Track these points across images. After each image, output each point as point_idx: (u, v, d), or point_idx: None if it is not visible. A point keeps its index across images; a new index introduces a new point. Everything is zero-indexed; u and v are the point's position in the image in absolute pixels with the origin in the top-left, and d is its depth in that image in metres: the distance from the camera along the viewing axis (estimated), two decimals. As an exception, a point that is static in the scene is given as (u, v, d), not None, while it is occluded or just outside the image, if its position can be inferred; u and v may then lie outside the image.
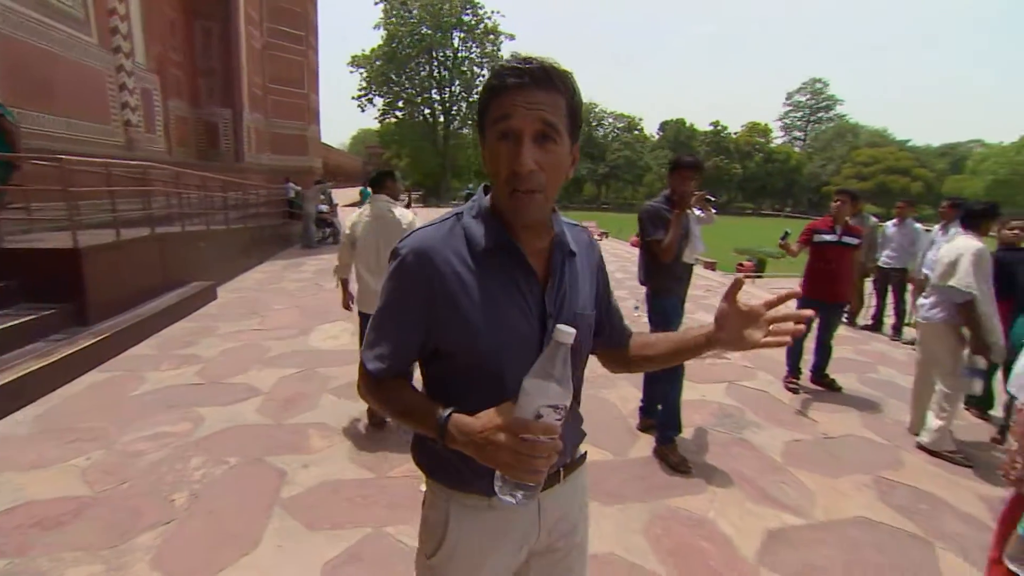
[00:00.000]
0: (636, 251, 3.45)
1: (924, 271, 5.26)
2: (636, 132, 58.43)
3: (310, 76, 19.41)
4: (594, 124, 57.05)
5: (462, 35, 37.76)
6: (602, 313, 1.07)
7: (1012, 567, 1.70)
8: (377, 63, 36.58)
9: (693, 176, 3.08)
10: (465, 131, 41.50)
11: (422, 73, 38.35)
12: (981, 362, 3.16)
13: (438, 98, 39.64)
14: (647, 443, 3.22)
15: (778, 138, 61.87)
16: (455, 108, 40.23)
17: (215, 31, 13.29)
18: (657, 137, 60.35)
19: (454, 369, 0.89)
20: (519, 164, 0.78)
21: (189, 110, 12.87)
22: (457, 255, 0.86)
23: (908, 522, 2.56)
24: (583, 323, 0.93)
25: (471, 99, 39.72)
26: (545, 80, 0.79)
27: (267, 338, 5.16)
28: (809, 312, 0.94)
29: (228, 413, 3.47)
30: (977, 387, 3.26)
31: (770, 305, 0.90)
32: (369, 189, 3.41)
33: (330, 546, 2.24)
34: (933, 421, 3.33)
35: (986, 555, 2.14)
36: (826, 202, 5.80)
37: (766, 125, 60.34)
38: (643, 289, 3.26)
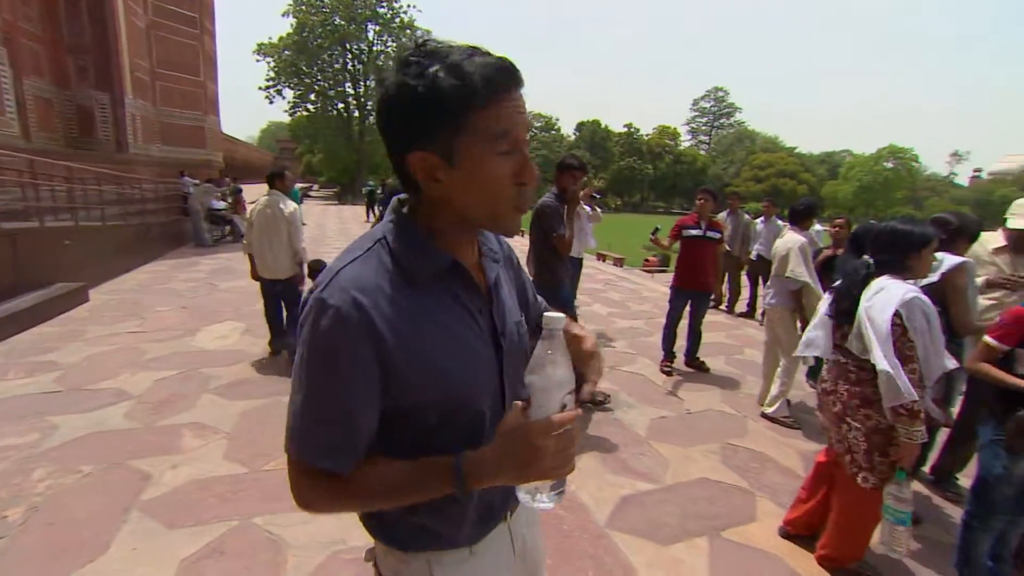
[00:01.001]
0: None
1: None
2: (553, 132, 59.95)
3: (207, 63, 18.11)
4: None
5: (377, 28, 36.77)
6: (530, 309, 1.02)
7: (884, 551, 2.01)
8: (286, 53, 34.70)
9: (581, 176, 3.42)
10: (382, 127, 40.44)
11: (335, 66, 36.88)
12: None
13: (352, 92, 38.33)
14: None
15: (686, 141, 66.08)
16: (370, 103, 39.14)
17: (83, 2, 11.95)
18: (574, 137, 62.28)
19: (424, 422, 0.76)
20: (532, 177, 0.72)
21: (55, 91, 11.57)
22: (397, 289, 0.72)
23: (741, 479, 2.95)
24: (520, 330, 0.89)
25: (388, 94, 38.70)
26: (520, 77, 0.71)
27: (145, 340, 4.82)
28: None
29: (89, 420, 3.24)
30: (810, 359, 3.79)
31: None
32: (298, 188, 3.99)
33: (190, 542, 2.21)
34: (774, 392, 3.83)
35: (792, 498, 2.54)
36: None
37: (675, 128, 64.22)
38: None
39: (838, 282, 2.28)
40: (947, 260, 2.47)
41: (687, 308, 4.64)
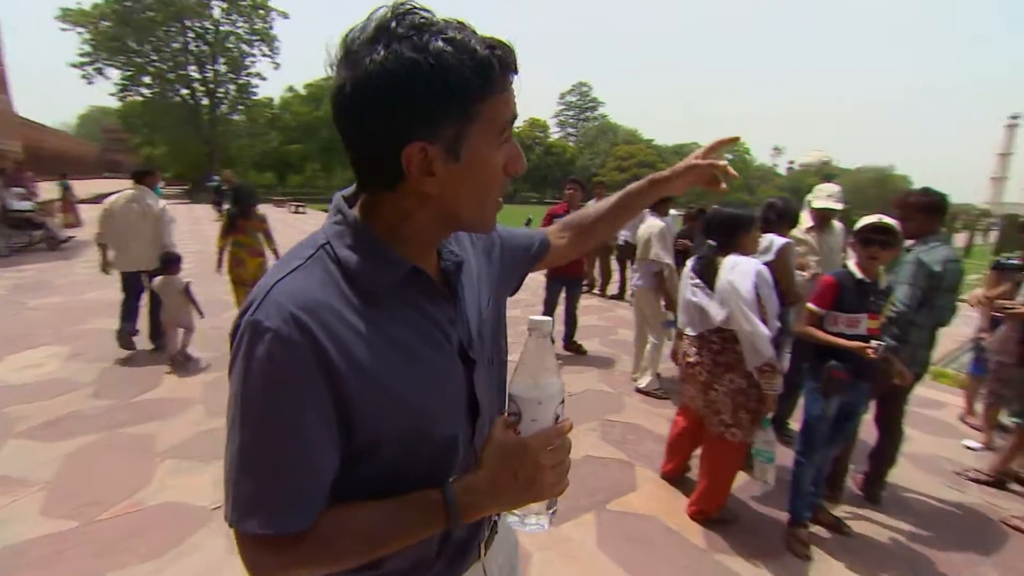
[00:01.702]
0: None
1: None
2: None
3: (-9, 32, 14.87)
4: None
5: (224, 6, 32.94)
6: (515, 268, 0.94)
7: (758, 484, 2.37)
8: (103, 23, 29.46)
9: None
10: (236, 117, 36.62)
11: (174, 45, 32.21)
12: (672, 316, 4.04)
13: (199, 77, 33.95)
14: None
15: (555, 133, 69.03)
16: (221, 90, 35.09)
17: None
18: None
19: (388, 457, 0.64)
20: (522, 165, 0.66)
21: None
22: (348, 303, 0.61)
23: (620, 452, 3.15)
24: (486, 330, 0.79)
25: (240, 80, 35.10)
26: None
27: (-80, 381, 3.83)
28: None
29: None
30: (672, 334, 4.17)
31: (715, 150, 0.99)
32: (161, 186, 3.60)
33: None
34: (644, 367, 4.15)
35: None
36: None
37: (544, 121, 66.80)
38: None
39: (693, 263, 2.54)
40: (777, 240, 2.84)
41: (562, 294, 4.85)
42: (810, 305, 2.34)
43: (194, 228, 14.44)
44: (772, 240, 2.83)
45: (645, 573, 2.19)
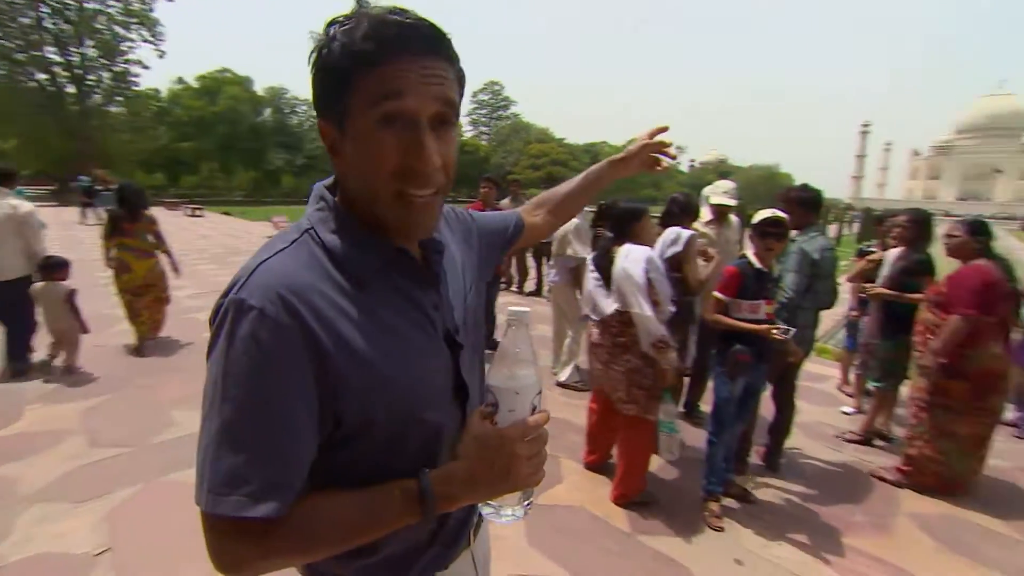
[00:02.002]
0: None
1: None
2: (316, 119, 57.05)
3: None
4: (287, 111, 53.01)
5: (87, -19, 29.09)
6: (495, 250, 0.96)
7: (664, 456, 2.60)
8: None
9: None
10: (114, 109, 32.63)
11: (23, 20, 27.83)
12: (589, 309, 4.18)
13: (61, 60, 29.69)
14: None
15: (468, 131, 68.86)
16: (92, 77, 31.03)
17: None
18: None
19: (373, 443, 0.64)
20: (421, 160, 0.59)
21: None
22: (335, 285, 0.61)
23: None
24: (470, 317, 0.79)
25: (116, 68, 31.32)
26: (438, 44, 0.60)
27: None
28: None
29: None
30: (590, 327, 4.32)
31: (652, 136, 1.08)
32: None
33: None
34: (564, 361, 4.25)
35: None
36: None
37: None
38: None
39: (593, 255, 2.73)
40: (684, 233, 3.02)
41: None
42: (716, 294, 2.51)
43: (66, 234, 12.74)
44: (679, 233, 3.01)
45: (574, 563, 2.25)
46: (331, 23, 0.60)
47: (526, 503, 0.69)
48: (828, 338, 6.20)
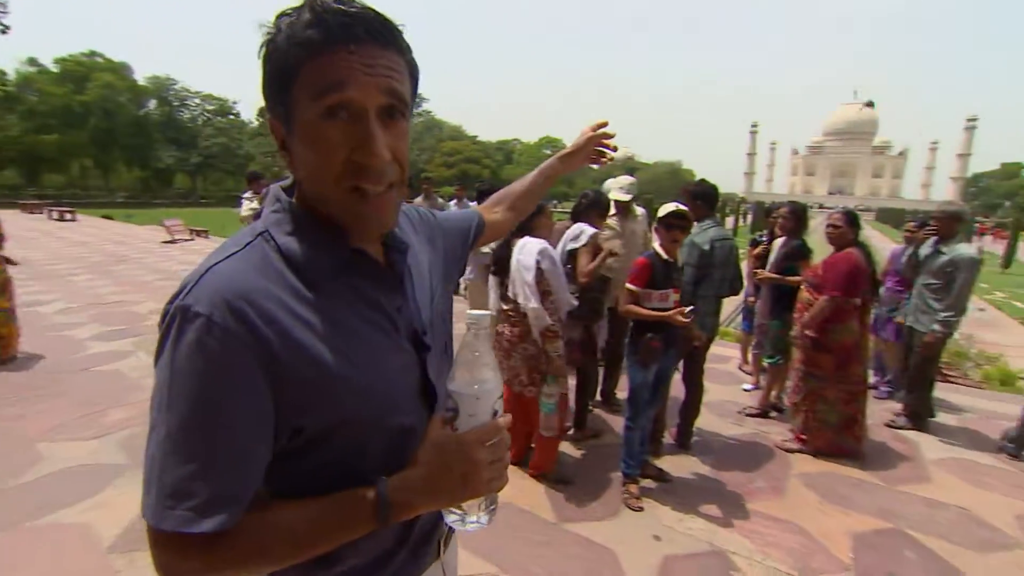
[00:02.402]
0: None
1: None
2: (231, 117, 52.58)
3: None
4: (176, 104, 48.26)
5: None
6: (460, 250, 0.94)
7: (544, 432, 2.71)
8: None
9: None
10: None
11: None
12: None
13: None
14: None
15: (380, 130, 66.84)
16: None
17: None
18: (258, 124, 56.05)
19: (335, 450, 0.62)
20: (370, 154, 0.56)
21: None
22: (289, 289, 0.58)
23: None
24: (438, 318, 0.77)
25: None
26: (386, 34, 0.57)
27: None
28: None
29: None
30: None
31: (595, 129, 1.12)
32: None
33: None
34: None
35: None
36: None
37: (368, 117, 64.35)
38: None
39: (494, 247, 2.84)
40: (587, 229, 3.12)
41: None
42: (628, 285, 2.62)
43: None
44: (583, 229, 3.11)
45: (502, 557, 2.25)
46: (280, 15, 0.57)
47: (491, 508, 0.68)
48: (730, 322, 6.73)
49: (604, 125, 1.13)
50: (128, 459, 2.94)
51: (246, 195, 5.08)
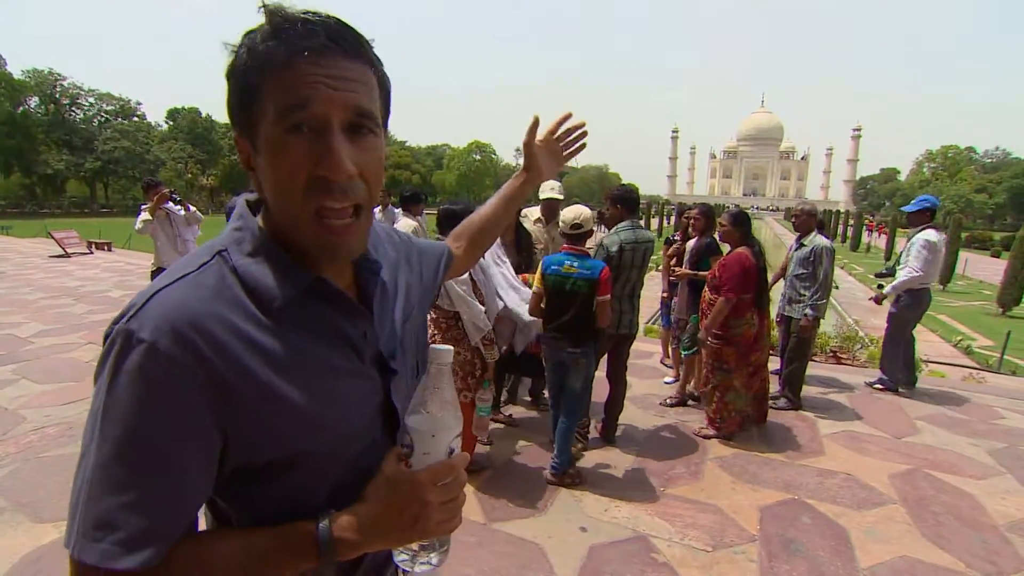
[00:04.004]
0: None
1: None
2: (135, 119, 48.52)
3: None
4: (66, 103, 43.76)
5: None
6: (434, 278, 0.89)
7: (477, 434, 2.80)
8: None
9: None
10: None
11: None
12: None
13: None
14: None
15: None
16: None
17: None
18: (167, 127, 52.14)
19: (280, 487, 0.59)
20: (332, 168, 0.53)
21: None
22: (243, 313, 0.55)
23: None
24: (409, 339, 0.74)
25: None
26: (351, 45, 0.55)
27: None
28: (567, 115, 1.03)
29: None
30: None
31: (553, 131, 1.02)
32: None
33: None
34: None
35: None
36: None
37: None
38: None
39: None
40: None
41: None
42: (535, 287, 2.79)
43: None
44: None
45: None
46: (246, 33, 0.56)
47: (442, 549, 0.64)
48: (652, 319, 7.08)
49: (536, 123, 1.00)
50: (5, 501, 2.63)
51: (145, 206, 4.74)
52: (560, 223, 2.92)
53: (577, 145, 1.06)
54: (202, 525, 0.61)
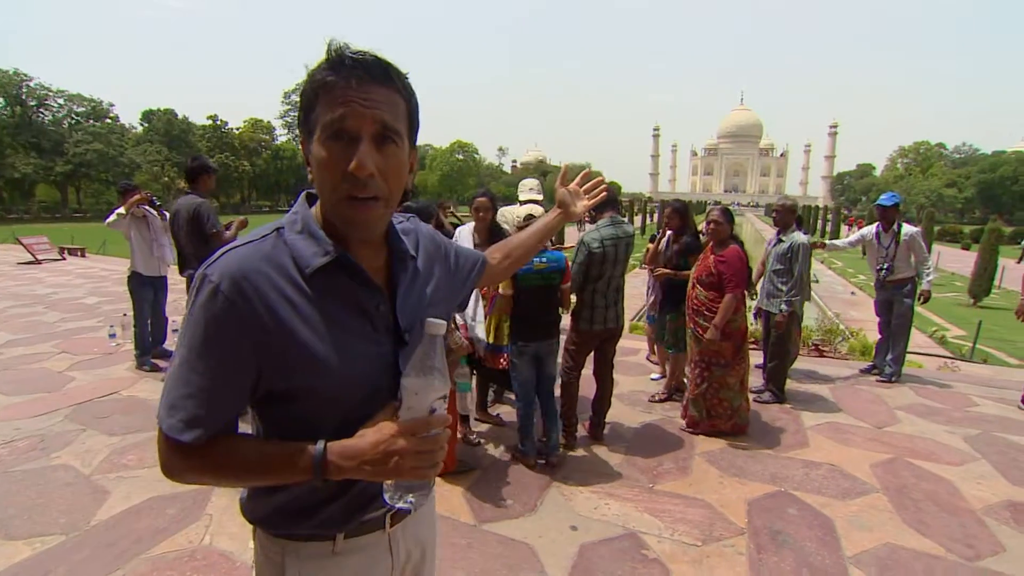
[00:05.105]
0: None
1: None
2: (108, 121, 47.26)
3: None
4: (33, 105, 42.41)
5: None
6: (466, 279, 1.06)
7: (463, 411, 2.91)
8: None
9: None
10: None
11: None
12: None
13: None
14: (127, 497, 2.64)
15: (281, 135, 63.32)
16: None
17: None
18: (141, 129, 50.95)
19: (296, 412, 0.77)
20: (356, 166, 0.69)
21: None
22: (286, 276, 0.73)
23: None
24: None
25: None
26: (383, 76, 0.72)
27: None
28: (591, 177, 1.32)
29: None
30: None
31: (581, 184, 1.29)
32: None
33: None
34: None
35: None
36: None
37: (268, 122, 60.64)
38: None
39: None
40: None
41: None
42: (502, 290, 2.86)
43: None
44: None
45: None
46: (315, 65, 0.74)
47: (420, 493, 0.78)
48: (638, 316, 7.12)
49: (566, 173, 1.30)
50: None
51: (119, 209, 4.61)
52: (516, 220, 3.03)
53: (596, 191, 1.30)
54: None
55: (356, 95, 0.70)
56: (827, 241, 5.13)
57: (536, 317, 2.92)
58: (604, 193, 1.29)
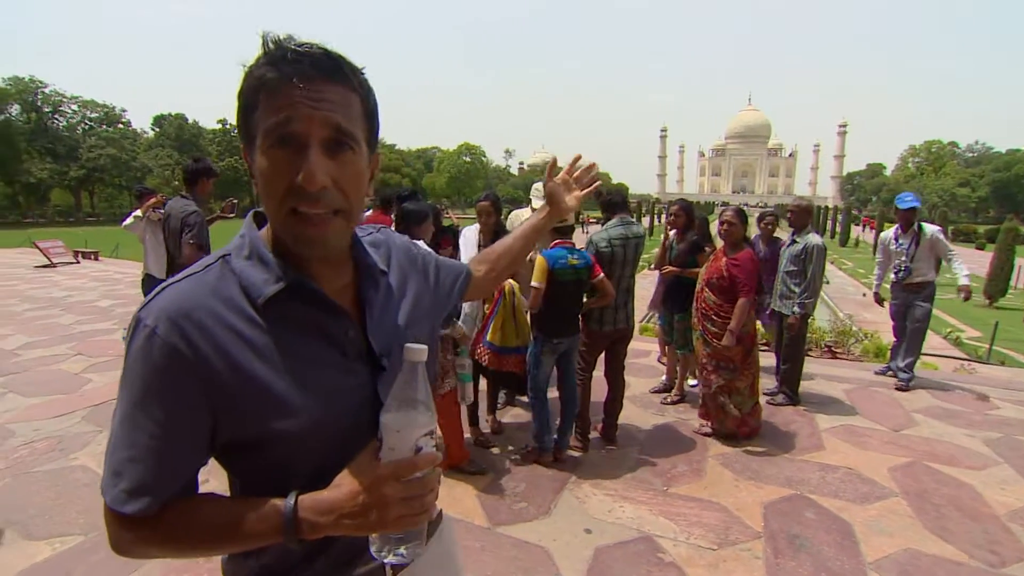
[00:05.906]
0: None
1: None
2: (120, 126, 47.92)
3: None
4: (48, 111, 43.13)
5: None
6: (450, 293, 0.95)
7: (461, 401, 2.99)
8: None
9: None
10: None
11: None
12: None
13: None
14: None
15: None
16: None
17: None
18: (153, 134, 51.61)
19: (267, 460, 0.67)
20: (305, 178, 0.59)
21: None
22: (235, 309, 0.63)
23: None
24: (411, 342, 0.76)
25: None
26: (334, 71, 0.61)
27: None
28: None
29: None
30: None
31: (570, 172, 1.12)
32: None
33: None
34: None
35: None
36: None
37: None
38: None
39: None
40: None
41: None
42: (535, 284, 2.81)
43: None
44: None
45: (438, 570, 2.23)
46: (253, 60, 0.63)
47: (411, 545, 0.66)
48: (648, 317, 7.08)
49: (554, 164, 1.13)
50: None
51: (136, 212, 4.68)
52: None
53: (588, 180, 1.16)
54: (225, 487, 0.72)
55: (302, 94, 0.59)
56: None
57: (569, 312, 3.02)
58: (598, 181, 1.18)
